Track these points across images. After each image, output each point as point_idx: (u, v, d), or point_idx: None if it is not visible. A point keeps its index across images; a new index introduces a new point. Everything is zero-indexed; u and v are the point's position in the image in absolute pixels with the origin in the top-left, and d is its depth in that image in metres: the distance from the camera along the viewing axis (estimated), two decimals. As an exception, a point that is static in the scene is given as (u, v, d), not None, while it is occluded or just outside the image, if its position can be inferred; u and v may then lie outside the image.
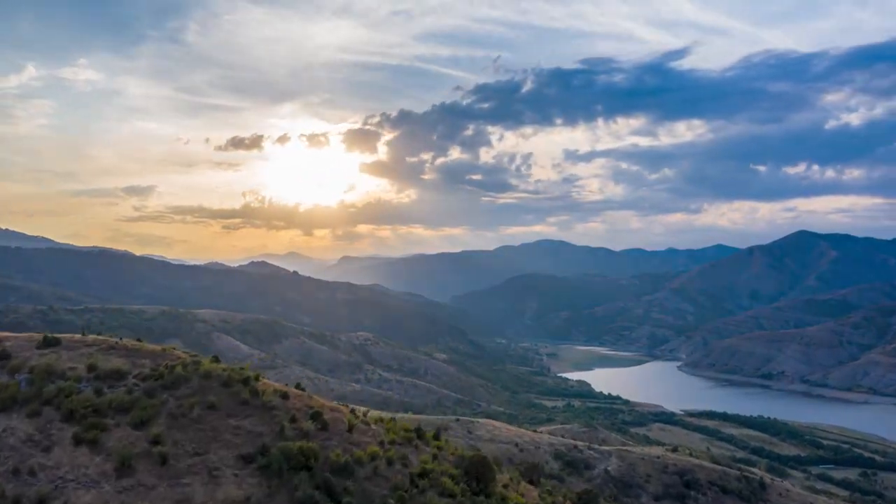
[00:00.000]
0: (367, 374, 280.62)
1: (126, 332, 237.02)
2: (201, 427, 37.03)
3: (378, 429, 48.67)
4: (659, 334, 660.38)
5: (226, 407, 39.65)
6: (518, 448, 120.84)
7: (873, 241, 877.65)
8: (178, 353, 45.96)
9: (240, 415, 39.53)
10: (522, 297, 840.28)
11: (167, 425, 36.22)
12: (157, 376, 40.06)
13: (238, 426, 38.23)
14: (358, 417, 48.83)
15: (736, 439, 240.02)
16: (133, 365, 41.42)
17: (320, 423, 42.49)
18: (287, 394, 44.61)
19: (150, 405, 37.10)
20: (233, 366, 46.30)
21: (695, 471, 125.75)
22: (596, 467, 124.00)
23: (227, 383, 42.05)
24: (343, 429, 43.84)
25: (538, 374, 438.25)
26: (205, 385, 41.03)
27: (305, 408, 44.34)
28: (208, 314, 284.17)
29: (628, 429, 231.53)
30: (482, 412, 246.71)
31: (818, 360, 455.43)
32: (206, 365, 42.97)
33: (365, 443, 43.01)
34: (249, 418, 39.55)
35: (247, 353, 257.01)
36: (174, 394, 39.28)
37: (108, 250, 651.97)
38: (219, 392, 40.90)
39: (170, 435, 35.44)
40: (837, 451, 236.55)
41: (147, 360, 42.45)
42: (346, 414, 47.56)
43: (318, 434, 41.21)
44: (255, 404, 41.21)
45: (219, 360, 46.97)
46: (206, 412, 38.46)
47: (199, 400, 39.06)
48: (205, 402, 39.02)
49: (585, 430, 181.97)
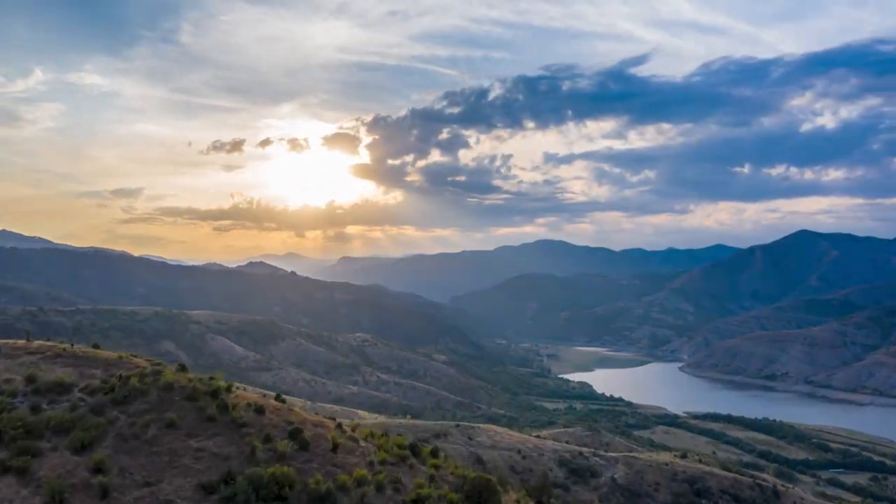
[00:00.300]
0: (365, 376, 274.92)
1: (117, 333, 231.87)
2: (156, 450, 31.42)
3: (368, 446, 43.07)
4: (660, 335, 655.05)
5: (188, 425, 34.05)
6: (521, 455, 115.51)
7: (874, 241, 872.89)
8: (138, 360, 40.25)
9: (204, 434, 33.93)
10: (522, 297, 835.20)
11: (114, 448, 30.62)
12: (107, 389, 34.44)
13: (201, 448, 32.62)
14: (346, 433, 43.23)
15: (742, 442, 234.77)
16: (81, 376, 35.78)
17: (300, 442, 36.89)
18: (262, 408, 38.95)
19: (96, 424, 31.49)
20: (202, 375, 40.76)
21: (705, 478, 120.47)
22: (602, 475, 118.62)
23: (192, 396, 36.45)
24: (326, 448, 38.26)
25: (539, 375, 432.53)
26: (165, 399, 35.44)
27: (284, 424, 38.75)
28: (203, 315, 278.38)
29: (631, 432, 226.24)
30: (482, 414, 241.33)
31: (822, 360, 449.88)
32: (168, 375, 37.29)
33: (351, 464, 37.43)
34: (215, 438, 33.96)
35: (242, 355, 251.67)
36: (127, 410, 33.66)
37: (105, 251, 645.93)
38: (181, 407, 35.29)
39: (116, 460, 29.85)
40: (846, 454, 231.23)
41: (98, 370, 36.80)
42: (332, 430, 41.94)
43: (297, 455, 35.65)
44: (224, 421, 35.61)
45: (186, 368, 41.27)
46: (164, 432, 32.86)
47: (155, 417, 33.48)
48: (162, 420, 33.41)
49: (589, 434, 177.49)
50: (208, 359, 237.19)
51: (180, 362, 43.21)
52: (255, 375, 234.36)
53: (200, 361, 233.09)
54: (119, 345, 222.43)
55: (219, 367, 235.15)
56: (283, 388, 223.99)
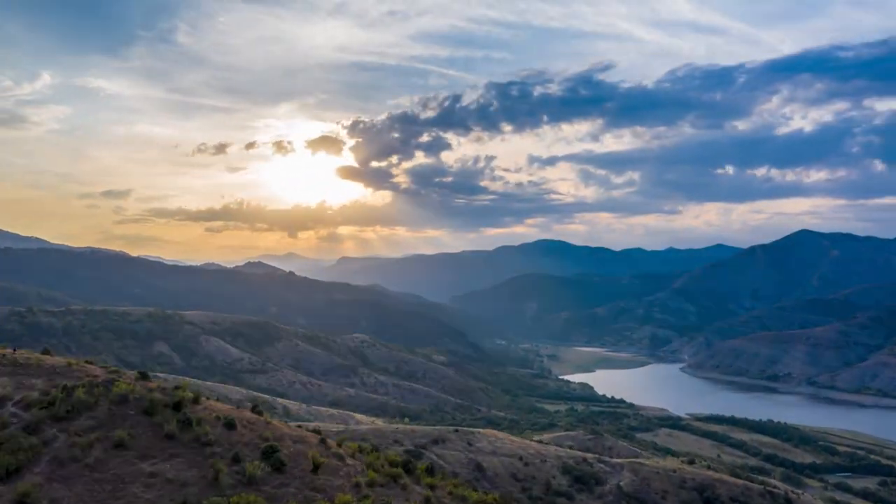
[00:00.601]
0: (363, 378, 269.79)
1: (108, 335, 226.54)
2: (99, 476, 26.53)
3: (355, 464, 38.16)
4: (661, 335, 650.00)
5: (141, 445, 29.17)
6: (523, 462, 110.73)
7: (875, 241, 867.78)
8: (92, 367, 35.28)
9: (160, 456, 29.03)
10: (522, 297, 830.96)
11: (47, 475, 25.74)
12: (46, 403, 29.47)
13: (154, 473, 27.73)
14: (330, 448, 38.31)
15: (747, 445, 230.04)
16: (18, 387, 30.82)
17: (274, 462, 32.00)
18: (233, 421, 34.03)
19: (28, 446, 26.60)
20: (167, 383, 35.92)
21: (715, 485, 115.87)
22: (607, 482, 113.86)
23: (150, 410, 31.55)
24: (306, 468, 33.38)
25: (539, 376, 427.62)
26: (116, 414, 30.56)
27: (258, 440, 33.85)
28: (197, 316, 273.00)
29: (634, 434, 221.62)
30: (482, 417, 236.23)
31: (825, 361, 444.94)
32: (122, 385, 32.32)
33: (334, 488, 32.55)
34: (173, 460, 29.07)
35: (237, 357, 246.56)
36: (69, 427, 28.74)
37: (101, 250, 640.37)
38: (135, 423, 30.41)
39: (47, 490, 24.96)
40: (853, 457, 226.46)
41: (40, 380, 31.82)
42: (314, 446, 37.06)
43: (270, 479, 30.78)
44: (185, 439, 30.72)
45: (148, 376, 36.29)
46: (111, 454, 27.98)
47: (102, 436, 28.60)
48: (111, 439, 28.54)
49: (591, 438, 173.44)
50: (202, 360, 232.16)
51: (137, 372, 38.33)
52: (249, 377, 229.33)
53: (194, 363, 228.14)
54: (110, 346, 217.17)
55: (213, 369, 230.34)
56: (278, 390, 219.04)
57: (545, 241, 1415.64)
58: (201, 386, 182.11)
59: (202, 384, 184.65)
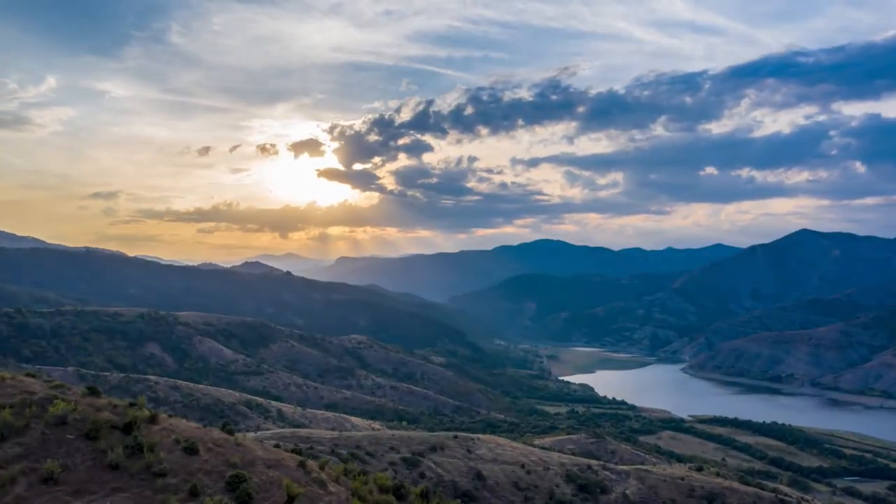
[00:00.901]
0: (360, 380, 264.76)
1: (99, 336, 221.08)
2: (17, 520, 21.63)
3: (339, 490, 33.21)
4: (661, 335, 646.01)
5: (76, 478, 24.21)
6: (525, 470, 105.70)
7: (876, 241, 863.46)
8: (31, 381, 30.27)
9: (99, 491, 24.08)
10: (521, 297, 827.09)
11: (-50, 521, 20.87)
12: (-38, 428, 24.53)
13: (89, 514, 22.82)
14: (310, 473, 33.33)
15: (752, 448, 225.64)
16: (-69, 408, 25.86)
17: (241, 495, 27.03)
18: (195, 445, 29.05)
19: (-69, 483, 21.66)
20: (117, 399, 31.01)
21: (725, 494, 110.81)
22: (613, 491, 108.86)
23: (92, 434, 26.62)
24: (280, 500, 28.47)
25: (539, 377, 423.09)
26: (50, 439, 25.63)
27: (223, 467, 28.92)
28: (190, 316, 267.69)
29: (637, 438, 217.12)
30: (482, 420, 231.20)
31: (828, 362, 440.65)
32: (60, 405, 27.33)
33: (312, 523, 27.65)
34: (115, 496, 24.11)
35: (231, 358, 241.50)
36: (-12, 458, 23.80)
37: (97, 250, 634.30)
38: (73, 450, 25.48)
39: (-53, 542, 20.11)
40: (861, 461, 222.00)
41: (-41, 399, 26.86)
42: (292, 470, 32.12)
43: (235, 515, 25.87)
44: (134, 469, 25.75)
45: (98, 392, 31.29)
46: (37, 489, 23.04)
47: (28, 467, 23.67)
48: (37, 472, 23.62)
49: (594, 442, 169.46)
50: (195, 362, 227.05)
51: (85, 387, 33.08)
52: (244, 379, 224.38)
53: (187, 365, 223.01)
54: (100, 348, 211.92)
55: (206, 371, 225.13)
56: (273, 392, 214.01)
57: (544, 241, 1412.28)
58: (194, 389, 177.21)
59: (195, 387, 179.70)
